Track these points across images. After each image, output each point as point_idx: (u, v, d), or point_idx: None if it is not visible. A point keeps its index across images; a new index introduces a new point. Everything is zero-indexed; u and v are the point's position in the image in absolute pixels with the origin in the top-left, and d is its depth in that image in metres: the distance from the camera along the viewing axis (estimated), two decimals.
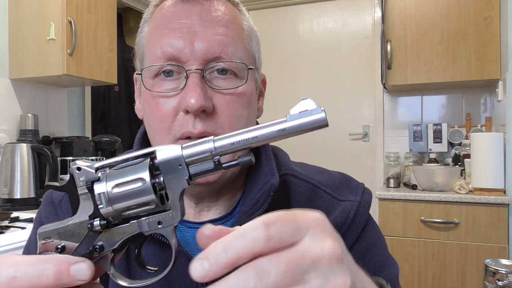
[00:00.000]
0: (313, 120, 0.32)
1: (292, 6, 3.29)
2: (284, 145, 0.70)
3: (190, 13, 0.57)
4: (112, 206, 0.34)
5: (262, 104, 0.68)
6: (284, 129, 0.32)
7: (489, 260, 0.68)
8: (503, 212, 2.07)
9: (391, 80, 2.54)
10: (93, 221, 0.35)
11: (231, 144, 0.32)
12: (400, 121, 2.93)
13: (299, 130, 0.32)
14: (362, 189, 0.66)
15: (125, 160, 0.35)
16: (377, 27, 2.92)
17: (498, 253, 2.06)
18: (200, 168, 0.33)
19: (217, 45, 0.55)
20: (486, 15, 2.36)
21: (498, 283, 0.64)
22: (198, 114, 0.54)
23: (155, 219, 0.35)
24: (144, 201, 0.34)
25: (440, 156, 2.70)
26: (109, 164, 0.36)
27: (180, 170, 0.33)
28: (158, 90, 0.57)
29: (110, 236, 0.35)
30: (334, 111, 3.16)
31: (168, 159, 0.34)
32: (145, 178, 0.33)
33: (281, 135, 0.32)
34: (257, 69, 0.64)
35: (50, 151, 1.96)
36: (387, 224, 2.26)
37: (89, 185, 0.35)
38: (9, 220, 1.62)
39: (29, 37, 2.16)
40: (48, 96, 2.47)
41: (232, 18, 0.59)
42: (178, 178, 0.34)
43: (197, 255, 0.55)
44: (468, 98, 2.76)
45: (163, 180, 0.34)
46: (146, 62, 0.59)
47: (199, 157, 0.33)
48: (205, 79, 0.55)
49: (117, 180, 0.34)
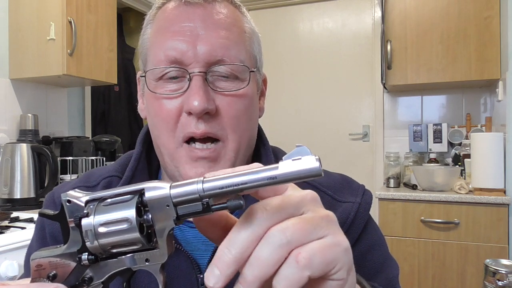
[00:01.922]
0: (306, 170, 0.30)
1: (292, 6, 3.29)
2: (284, 145, 0.70)
3: (192, 16, 0.57)
4: (99, 243, 0.34)
5: (263, 104, 0.68)
6: (274, 177, 0.30)
7: (489, 260, 0.68)
8: (503, 212, 2.07)
9: (391, 80, 2.54)
10: (81, 255, 0.35)
11: (219, 187, 0.31)
12: (400, 121, 2.93)
13: (291, 179, 0.31)
14: (362, 190, 0.67)
15: (115, 195, 0.35)
16: (377, 27, 2.92)
17: (498, 253, 2.06)
18: (189, 210, 0.33)
19: (219, 48, 0.56)
20: (486, 15, 2.36)
21: (498, 283, 0.64)
22: (201, 115, 0.55)
23: (142, 256, 0.35)
24: (130, 241, 0.34)
25: (440, 156, 2.70)
26: (99, 197, 0.36)
27: (168, 210, 0.33)
28: (161, 91, 0.57)
29: (99, 269, 0.36)
30: (334, 111, 3.16)
31: (155, 198, 0.33)
32: (131, 218, 0.33)
33: (271, 183, 0.30)
34: (259, 70, 0.64)
35: (50, 151, 1.96)
36: (387, 224, 2.26)
37: (77, 221, 0.35)
38: (9, 220, 1.62)
39: (29, 37, 2.16)
40: (48, 96, 2.47)
41: (234, 20, 0.59)
42: (166, 217, 0.33)
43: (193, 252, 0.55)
44: (468, 98, 2.76)
45: (151, 218, 0.34)
46: (150, 64, 0.60)
47: (187, 198, 0.32)
48: (207, 81, 0.56)
49: (104, 217, 0.34)
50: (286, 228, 0.31)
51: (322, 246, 0.32)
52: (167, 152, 0.59)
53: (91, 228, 0.34)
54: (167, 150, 0.59)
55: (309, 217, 0.32)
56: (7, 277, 1.28)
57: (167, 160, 0.59)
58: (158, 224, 0.34)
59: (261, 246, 0.31)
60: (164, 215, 0.33)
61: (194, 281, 0.58)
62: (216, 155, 0.57)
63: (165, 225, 0.33)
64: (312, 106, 3.22)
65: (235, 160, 0.58)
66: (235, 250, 0.31)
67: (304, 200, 0.33)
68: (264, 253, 0.30)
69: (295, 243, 0.31)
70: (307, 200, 0.34)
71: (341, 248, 0.33)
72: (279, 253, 0.30)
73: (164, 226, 0.33)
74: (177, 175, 0.58)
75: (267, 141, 0.68)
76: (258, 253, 0.31)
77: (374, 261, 0.62)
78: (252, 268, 0.30)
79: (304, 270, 0.30)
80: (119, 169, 0.66)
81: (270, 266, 0.30)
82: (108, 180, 0.66)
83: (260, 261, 0.30)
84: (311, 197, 0.34)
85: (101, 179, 0.66)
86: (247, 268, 0.31)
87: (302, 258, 0.30)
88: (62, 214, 0.36)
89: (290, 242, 0.31)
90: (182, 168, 0.57)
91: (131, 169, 0.64)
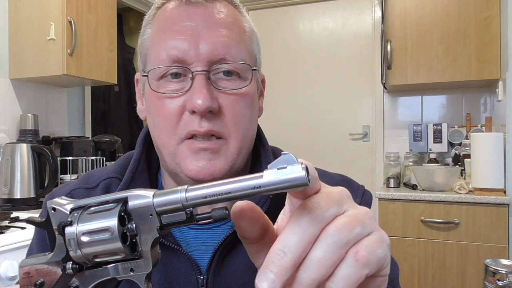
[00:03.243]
0: (291, 179, 0.28)
1: (292, 6, 3.29)
2: (284, 145, 0.70)
3: (193, 15, 0.57)
4: (82, 252, 0.34)
5: (262, 104, 0.68)
6: (259, 185, 0.29)
7: (489, 260, 0.68)
8: (503, 212, 2.07)
9: (391, 80, 2.54)
10: (66, 264, 0.35)
11: (203, 197, 0.30)
12: (400, 121, 2.93)
13: (275, 189, 0.29)
14: (362, 191, 0.67)
15: (100, 203, 0.35)
16: (377, 27, 2.92)
17: (498, 253, 2.06)
18: (173, 219, 0.32)
19: (221, 47, 0.56)
20: (486, 15, 2.36)
21: (498, 283, 0.64)
22: (204, 114, 0.55)
23: (127, 266, 0.34)
24: (113, 251, 0.33)
25: (440, 156, 2.70)
26: (84, 205, 0.35)
27: (152, 219, 0.32)
28: (164, 91, 0.57)
29: (85, 278, 0.35)
30: (334, 111, 3.16)
31: (138, 206, 0.33)
32: (113, 227, 0.33)
33: (256, 192, 0.29)
34: (258, 70, 0.64)
35: (50, 151, 1.96)
36: (387, 224, 2.26)
37: (60, 229, 0.35)
38: (9, 220, 1.62)
39: (29, 37, 2.16)
40: (48, 96, 2.47)
41: (234, 20, 0.60)
42: (149, 227, 0.33)
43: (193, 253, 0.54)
44: (468, 98, 2.76)
45: (135, 227, 0.33)
46: (151, 64, 0.59)
47: (170, 207, 0.32)
48: (210, 80, 0.56)
49: (87, 226, 0.34)
50: (342, 228, 0.30)
51: (374, 242, 0.31)
52: (167, 151, 0.58)
53: (74, 237, 0.34)
54: (167, 149, 0.58)
55: (354, 214, 0.32)
56: (7, 277, 1.28)
57: (167, 160, 0.59)
58: (142, 234, 0.33)
59: (319, 247, 0.30)
60: (148, 224, 0.32)
61: (194, 282, 0.58)
62: (217, 147, 0.57)
63: (149, 235, 0.33)
64: (312, 106, 3.22)
65: (237, 158, 0.58)
66: (292, 252, 0.29)
67: (342, 197, 0.33)
68: (322, 254, 0.29)
69: (351, 242, 0.30)
70: (345, 197, 0.33)
71: (386, 244, 0.33)
72: (338, 253, 0.30)
73: (148, 236, 0.33)
74: (178, 171, 0.58)
75: (267, 142, 0.68)
76: (316, 255, 0.29)
77: None
78: (309, 271, 0.29)
79: (363, 269, 0.30)
80: (119, 171, 0.66)
81: (329, 267, 0.29)
82: (107, 182, 0.65)
83: (319, 263, 0.29)
84: (346, 194, 0.34)
85: (101, 181, 0.66)
86: (304, 271, 0.29)
87: (361, 256, 0.30)
88: (48, 221, 0.36)
89: (348, 241, 0.30)
90: (184, 162, 0.57)
91: (131, 170, 0.63)
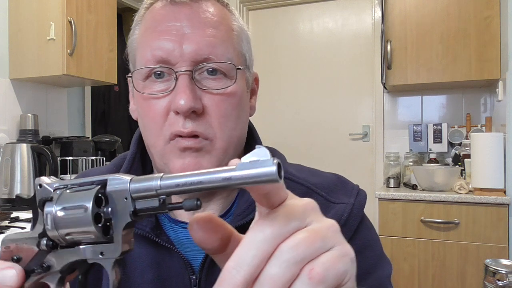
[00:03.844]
0: (261, 173, 0.27)
1: (292, 6, 3.29)
2: (285, 145, 0.70)
3: (179, 15, 0.57)
4: (56, 227, 0.34)
5: (254, 103, 0.68)
6: (229, 177, 0.28)
7: (489, 260, 0.68)
8: (503, 212, 2.07)
9: (391, 80, 2.54)
10: (41, 240, 0.35)
11: (176, 185, 0.30)
12: (400, 121, 2.93)
13: (247, 182, 0.28)
14: (356, 191, 0.66)
15: (82, 184, 0.35)
16: (377, 27, 2.92)
17: (498, 253, 2.06)
18: (146, 205, 0.32)
19: (206, 47, 0.56)
20: (486, 15, 2.36)
21: (498, 283, 0.64)
22: (188, 114, 0.55)
23: (98, 249, 0.34)
24: (84, 230, 0.33)
25: (440, 156, 2.70)
26: (67, 185, 0.36)
27: (126, 203, 0.32)
28: (149, 91, 0.57)
29: (59, 258, 0.36)
30: (334, 111, 3.16)
31: (115, 190, 0.33)
32: (88, 206, 0.33)
33: (227, 184, 0.29)
34: (248, 68, 0.64)
35: (50, 151, 1.96)
36: (387, 224, 2.26)
37: (40, 204, 0.35)
38: (9, 220, 1.62)
39: (29, 37, 2.16)
40: (48, 96, 2.47)
41: (221, 19, 0.59)
42: (123, 211, 0.33)
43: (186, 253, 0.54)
44: (468, 98, 2.76)
45: (110, 211, 0.33)
46: (137, 64, 0.60)
47: (145, 193, 0.32)
48: (194, 80, 0.56)
49: (64, 203, 0.34)
50: (298, 244, 0.30)
51: (333, 258, 0.31)
52: (156, 151, 0.59)
53: (51, 212, 0.34)
54: (156, 149, 0.59)
55: (316, 228, 0.31)
56: None
57: (157, 160, 0.60)
58: (116, 217, 0.33)
59: (272, 265, 0.29)
60: (122, 208, 0.33)
61: (187, 281, 0.58)
62: (203, 146, 0.57)
63: (122, 219, 0.33)
64: (312, 106, 3.22)
65: (223, 158, 0.58)
66: (245, 270, 0.28)
67: (306, 210, 0.32)
68: (276, 271, 0.29)
69: (308, 258, 0.30)
70: (309, 210, 0.33)
71: (349, 258, 0.32)
72: (292, 270, 0.29)
73: (121, 220, 0.33)
74: (167, 171, 0.58)
75: (260, 140, 0.68)
76: (270, 272, 0.29)
77: (366, 262, 0.61)
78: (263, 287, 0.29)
79: (318, 286, 0.29)
80: (114, 170, 0.66)
81: (283, 284, 0.29)
82: None
83: (272, 281, 0.29)
84: (312, 207, 0.33)
85: None
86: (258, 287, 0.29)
87: (315, 274, 0.29)
88: (34, 199, 0.36)
89: (303, 258, 0.30)
90: (171, 162, 0.57)
91: (125, 169, 0.64)
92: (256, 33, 3.36)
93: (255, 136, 0.68)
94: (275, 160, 0.27)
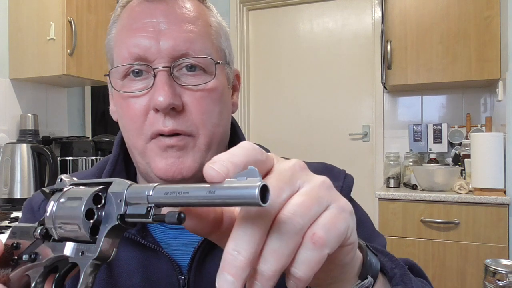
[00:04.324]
0: (243, 195, 0.26)
1: (292, 6, 3.29)
2: (284, 144, 0.70)
3: (154, 11, 0.57)
4: (53, 217, 0.35)
5: (237, 100, 0.67)
6: (213, 191, 0.27)
7: (489, 260, 0.68)
8: (503, 212, 2.07)
9: (391, 80, 2.54)
10: (37, 227, 0.36)
11: (165, 193, 0.30)
12: (400, 121, 2.93)
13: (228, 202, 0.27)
14: (343, 174, 0.68)
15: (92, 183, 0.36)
16: (377, 27, 2.92)
17: (498, 253, 2.06)
18: (135, 211, 0.32)
19: (183, 42, 0.55)
20: (486, 15, 2.36)
21: (498, 283, 0.64)
22: (167, 112, 0.54)
23: (80, 248, 0.34)
24: (74, 221, 0.34)
25: (440, 156, 2.70)
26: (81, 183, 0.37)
27: (118, 206, 0.32)
28: (128, 90, 0.57)
29: (46, 250, 0.36)
30: (334, 111, 3.16)
31: (114, 191, 0.33)
32: (84, 198, 0.33)
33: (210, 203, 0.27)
34: (229, 64, 0.63)
35: (50, 151, 1.96)
36: (387, 224, 2.26)
37: (50, 193, 0.37)
38: (9, 220, 1.62)
39: (29, 37, 2.16)
40: (48, 96, 2.47)
41: (198, 14, 0.59)
42: (113, 213, 0.33)
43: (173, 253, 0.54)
44: (468, 98, 2.76)
45: (103, 214, 0.33)
46: (115, 63, 0.59)
47: (137, 199, 0.32)
48: (173, 76, 0.55)
49: (68, 195, 0.35)
50: (295, 213, 0.29)
51: (332, 217, 0.30)
52: (137, 151, 0.58)
53: (55, 199, 0.36)
54: (137, 149, 0.58)
55: (309, 190, 0.31)
56: None
57: (138, 160, 0.59)
58: (106, 219, 0.33)
59: (274, 238, 0.28)
60: (114, 210, 0.33)
61: (175, 282, 0.58)
62: (185, 143, 0.56)
63: (110, 221, 0.33)
64: (312, 106, 3.22)
65: (206, 154, 0.57)
66: (246, 250, 0.28)
67: (295, 172, 0.31)
68: (278, 244, 0.28)
69: (307, 224, 0.29)
70: (298, 171, 0.32)
71: (348, 213, 0.32)
72: (295, 240, 0.29)
73: (109, 222, 0.33)
74: (149, 171, 0.58)
75: (243, 135, 0.68)
76: (272, 247, 0.28)
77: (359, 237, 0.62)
78: (268, 263, 0.28)
79: (323, 249, 0.29)
80: (97, 173, 0.66)
81: (288, 256, 0.29)
82: None
83: (276, 254, 0.28)
84: (299, 166, 0.32)
85: None
86: (263, 264, 0.28)
87: (318, 238, 0.29)
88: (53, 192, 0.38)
89: (303, 226, 0.29)
90: (153, 161, 0.56)
91: (108, 171, 0.63)
92: (256, 33, 3.36)
93: (238, 133, 0.68)
94: (261, 183, 0.26)
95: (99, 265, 0.33)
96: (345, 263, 0.36)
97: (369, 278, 0.39)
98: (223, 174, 0.28)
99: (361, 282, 0.38)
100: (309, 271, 0.29)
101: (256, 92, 3.33)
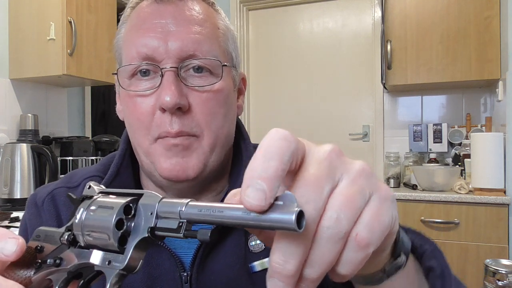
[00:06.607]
0: (279, 220, 0.26)
1: (292, 6, 3.29)
2: None
3: (164, 13, 0.57)
4: (82, 225, 0.35)
5: (242, 103, 0.68)
6: (249, 213, 0.27)
7: (489, 260, 0.67)
8: (503, 212, 2.07)
9: (391, 80, 2.54)
10: (65, 233, 0.36)
11: (198, 209, 0.30)
12: (400, 121, 2.93)
13: (263, 225, 0.27)
14: None
15: (123, 193, 0.36)
16: (377, 27, 2.92)
17: (498, 253, 2.06)
18: (165, 225, 0.32)
19: (191, 43, 0.56)
20: (486, 15, 2.36)
21: (498, 283, 0.64)
22: (174, 112, 0.55)
23: (107, 257, 0.34)
24: (103, 230, 0.34)
25: (440, 156, 2.70)
26: (111, 192, 0.37)
27: (149, 218, 0.33)
28: (135, 89, 0.57)
29: (72, 256, 0.36)
30: (334, 111, 3.16)
31: (145, 203, 0.33)
32: (115, 208, 0.33)
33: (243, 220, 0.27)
34: (235, 67, 0.64)
35: (50, 151, 1.96)
36: None
37: (80, 201, 0.36)
38: (9, 220, 1.62)
39: (29, 37, 2.16)
40: (48, 96, 2.47)
41: (207, 16, 0.60)
42: (144, 226, 0.33)
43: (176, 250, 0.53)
44: (468, 98, 2.76)
45: (133, 226, 0.33)
46: (123, 62, 0.60)
47: (169, 213, 0.32)
48: (180, 77, 0.56)
49: (99, 204, 0.35)
50: (339, 217, 0.28)
51: (375, 212, 0.29)
52: (142, 150, 0.59)
53: (84, 207, 0.36)
54: (142, 149, 0.58)
55: (350, 184, 0.29)
56: None
57: (143, 159, 0.59)
58: (135, 230, 0.33)
59: (318, 245, 0.28)
60: (145, 222, 0.33)
61: (177, 279, 0.58)
62: (189, 143, 0.56)
63: (140, 233, 0.33)
64: (312, 106, 3.22)
65: (210, 155, 0.58)
66: (293, 259, 0.28)
67: (332, 161, 0.30)
68: (323, 251, 0.28)
69: (351, 225, 0.29)
70: (335, 160, 0.30)
71: (390, 201, 0.31)
72: (340, 244, 0.28)
73: (139, 233, 0.33)
74: (153, 170, 0.58)
75: (248, 137, 0.68)
76: (318, 253, 0.28)
77: None
78: (314, 268, 0.28)
79: (367, 248, 0.29)
80: (101, 169, 0.66)
81: (333, 259, 0.29)
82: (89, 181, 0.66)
83: (322, 260, 0.28)
84: (335, 153, 0.31)
85: (82, 180, 0.66)
86: (309, 269, 0.28)
87: (362, 239, 0.28)
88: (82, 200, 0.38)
89: (348, 229, 0.28)
90: (158, 161, 0.57)
91: (116, 165, 0.63)
92: (256, 33, 3.36)
93: (243, 134, 0.68)
94: (298, 209, 0.26)
95: (124, 275, 0.33)
96: (385, 248, 0.35)
97: (402, 256, 0.38)
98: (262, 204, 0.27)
99: (395, 261, 0.38)
100: (354, 270, 0.29)
101: (256, 92, 3.33)
